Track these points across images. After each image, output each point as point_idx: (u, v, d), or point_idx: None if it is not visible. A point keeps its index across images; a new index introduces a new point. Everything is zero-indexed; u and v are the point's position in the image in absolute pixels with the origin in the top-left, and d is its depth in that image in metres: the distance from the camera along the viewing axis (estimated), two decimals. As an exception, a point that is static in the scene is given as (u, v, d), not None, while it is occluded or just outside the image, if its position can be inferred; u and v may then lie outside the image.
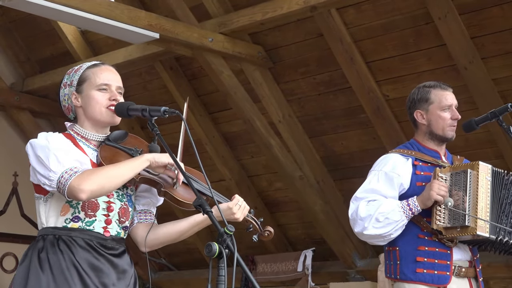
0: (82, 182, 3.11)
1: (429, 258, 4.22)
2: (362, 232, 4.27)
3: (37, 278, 3.17)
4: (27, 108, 9.17)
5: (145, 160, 3.24)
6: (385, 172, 4.31)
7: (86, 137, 3.36)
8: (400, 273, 4.27)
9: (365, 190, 4.32)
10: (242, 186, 8.26)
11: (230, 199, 3.45)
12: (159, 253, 9.64)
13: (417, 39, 6.47)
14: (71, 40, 8.27)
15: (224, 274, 2.77)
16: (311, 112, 7.46)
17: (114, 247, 3.30)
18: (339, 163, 7.60)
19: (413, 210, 4.20)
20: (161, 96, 8.33)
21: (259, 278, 8.23)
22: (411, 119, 4.47)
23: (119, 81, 3.41)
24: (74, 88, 3.37)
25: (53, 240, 3.23)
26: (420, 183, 4.29)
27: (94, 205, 3.26)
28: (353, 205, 4.33)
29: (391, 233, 4.23)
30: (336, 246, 7.90)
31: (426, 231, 4.25)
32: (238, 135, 8.13)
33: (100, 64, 3.45)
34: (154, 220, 3.49)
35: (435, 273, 4.20)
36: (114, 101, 3.34)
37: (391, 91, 6.83)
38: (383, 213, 4.20)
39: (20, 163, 9.18)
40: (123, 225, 3.36)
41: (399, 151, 4.41)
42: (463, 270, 4.27)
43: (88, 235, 3.25)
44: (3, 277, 9.01)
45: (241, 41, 7.22)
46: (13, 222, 9.25)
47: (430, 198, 4.17)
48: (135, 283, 3.37)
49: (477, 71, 6.22)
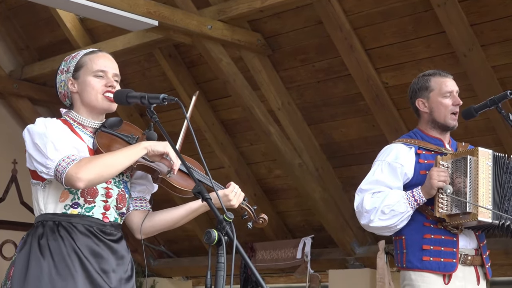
0: (79, 170, 3.10)
1: (435, 246, 4.22)
2: (368, 225, 4.28)
3: (38, 265, 3.17)
4: (26, 96, 9.17)
5: (142, 148, 3.24)
6: (388, 162, 4.31)
7: (82, 123, 3.35)
8: (407, 262, 4.27)
9: (369, 182, 4.32)
10: (241, 173, 8.27)
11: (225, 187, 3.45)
12: (158, 240, 9.66)
13: (416, 27, 6.46)
14: (70, 27, 8.26)
15: (223, 261, 2.77)
16: (310, 100, 7.46)
17: (112, 232, 3.31)
18: (338, 150, 7.60)
19: (418, 201, 4.21)
20: (160, 83, 8.33)
21: (258, 265, 8.24)
22: (414, 109, 4.47)
23: (116, 68, 3.40)
24: (70, 74, 3.37)
25: (53, 226, 3.22)
26: (424, 171, 4.28)
27: (93, 191, 3.26)
28: (358, 197, 4.33)
29: (397, 224, 4.24)
30: (335, 233, 7.91)
31: (432, 219, 4.25)
32: (237, 122, 8.13)
33: (98, 51, 3.44)
34: (149, 208, 3.50)
35: (441, 260, 4.21)
36: (111, 87, 3.33)
37: (390, 78, 6.83)
38: (388, 205, 4.20)
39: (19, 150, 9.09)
40: (120, 211, 3.36)
41: (402, 140, 4.41)
42: (469, 258, 4.27)
43: (88, 221, 3.25)
44: (3, 264, 9.03)
45: (240, 28, 7.21)
46: (13, 210, 9.27)
47: (432, 187, 4.17)
48: (132, 269, 3.38)
49: (476, 58, 6.22)
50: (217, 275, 2.76)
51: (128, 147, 3.26)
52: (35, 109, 9.31)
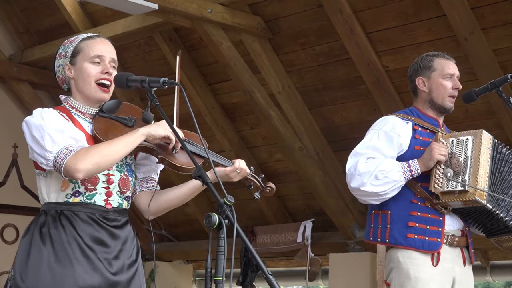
0: (77, 162, 3.11)
1: (420, 224, 4.22)
2: (359, 188, 4.23)
3: (39, 252, 3.18)
4: (26, 80, 9.15)
5: (140, 135, 3.23)
6: (385, 131, 4.30)
7: (80, 110, 3.35)
8: (390, 237, 4.25)
9: (366, 147, 4.29)
10: (241, 157, 8.14)
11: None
12: (159, 224, 9.67)
13: (417, 10, 6.44)
14: (70, 11, 8.23)
15: (224, 245, 2.77)
16: (311, 83, 7.45)
17: (116, 218, 3.30)
18: (339, 134, 7.60)
19: (413, 172, 4.20)
20: (160, 67, 8.31)
21: (259, 249, 8.26)
22: (412, 87, 4.48)
23: (113, 53, 3.38)
24: (68, 59, 3.36)
25: (55, 215, 3.23)
26: (419, 147, 4.29)
27: (93, 179, 3.26)
28: (352, 160, 4.29)
29: (388, 193, 4.21)
30: (336, 217, 7.92)
31: (420, 197, 4.26)
32: (238, 106, 8.12)
33: (96, 36, 3.42)
34: (156, 187, 3.49)
35: (426, 239, 4.20)
36: (107, 74, 3.32)
37: (391, 62, 6.82)
38: (383, 171, 4.18)
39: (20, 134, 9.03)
40: (125, 196, 3.36)
41: (399, 115, 4.42)
42: (456, 239, 4.29)
43: (90, 208, 3.25)
44: (4, 248, 9.04)
45: (241, 12, 7.19)
46: (13, 194, 9.28)
47: (432, 159, 4.17)
48: (137, 253, 3.38)
49: (477, 42, 6.21)
50: (218, 258, 2.77)
51: (126, 135, 3.24)
52: (35, 93, 9.30)
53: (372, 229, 4.35)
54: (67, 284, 3.14)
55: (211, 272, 2.82)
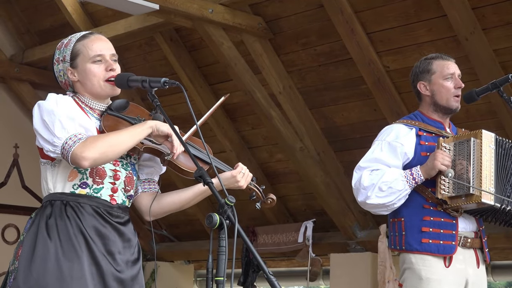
0: (85, 149, 3.10)
1: (434, 228, 4.23)
2: (365, 201, 4.27)
3: (45, 245, 3.17)
4: (27, 80, 9.16)
5: (147, 127, 3.24)
6: (389, 142, 4.32)
7: (89, 105, 3.34)
8: (406, 244, 4.28)
9: (368, 160, 4.32)
10: (242, 157, 8.27)
11: (233, 168, 3.45)
12: (160, 224, 9.67)
13: (418, 10, 6.45)
14: (70, 11, 8.23)
15: (225, 245, 2.77)
16: (312, 84, 7.45)
17: (120, 215, 3.31)
18: (340, 134, 7.60)
19: (416, 180, 4.21)
20: (161, 67, 8.32)
21: (260, 249, 8.26)
22: (415, 92, 4.48)
23: (112, 48, 3.38)
24: (68, 63, 3.35)
25: (61, 206, 3.22)
26: (425, 153, 4.29)
27: (101, 172, 3.26)
28: (356, 174, 4.33)
29: (394, 202, 4.24)
30: (337, 217, 7.92)
31: (431, 202, 4.27)
32: (239, 106, 8.12)
33: (89, 34, 3.41)
34: (157, 189, 3.50)
35: (440, 243, 4.22)
36: (111, 71, 3.32)
37: (392, 62, 6.82)
38: (386, 182, 4.20)
39: (21, 134, 9.20)
40: (128, 194, 3.36)
41: (403, 121, 4.42)
42: (469, 241, 4.28)
43: (95, 202, 3.25)
44: (5, 248, 9.04)
45: (241, 12, 7.19)
46: (14, 194, 9.28)
47: (434, 168, 4.17)
48: (139, 252, 3.38)
49: (478, 42, 6.21)
50: (219, 259, 2.77)
51: (133, 126, 3.26)
52: (36, 93, 9.30)
53: (392, 237, 4.40)
54: (75, 278, 3.14)
55: (212, 272, 2.82)
